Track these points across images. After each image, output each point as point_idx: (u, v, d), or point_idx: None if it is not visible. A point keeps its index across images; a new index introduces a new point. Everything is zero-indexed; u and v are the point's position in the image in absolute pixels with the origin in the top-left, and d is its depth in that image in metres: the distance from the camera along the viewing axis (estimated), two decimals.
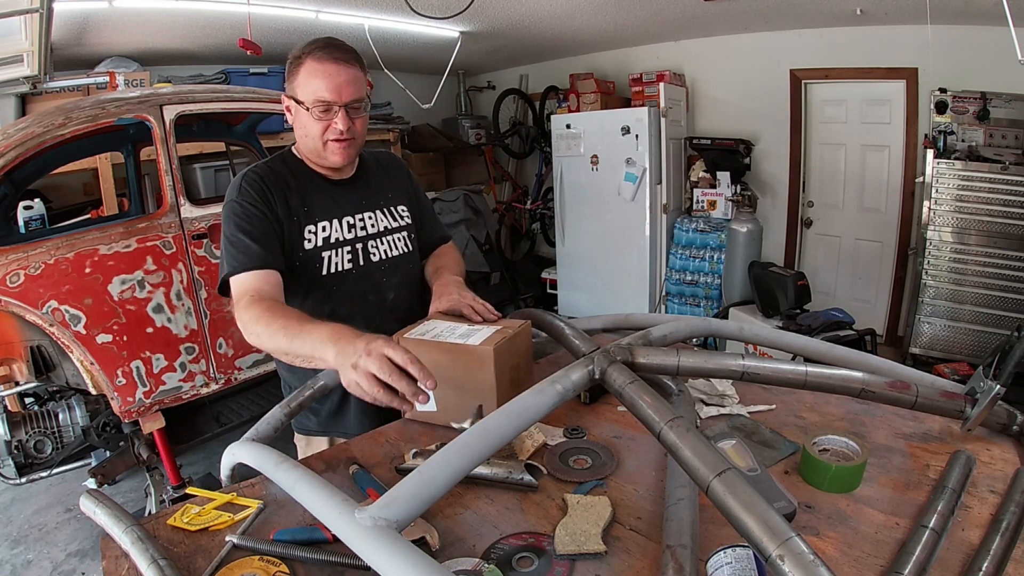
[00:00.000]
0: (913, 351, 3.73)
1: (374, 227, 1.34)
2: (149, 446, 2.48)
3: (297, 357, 1.04)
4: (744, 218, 3.94)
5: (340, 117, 1.18)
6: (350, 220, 1.30)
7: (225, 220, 1.22)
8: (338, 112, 1.18)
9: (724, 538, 0.71)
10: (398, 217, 1.39)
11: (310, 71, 1.17)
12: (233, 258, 1.17)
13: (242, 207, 1.20)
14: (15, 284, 2.05)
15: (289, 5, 3.17)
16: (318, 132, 1.20)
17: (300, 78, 1.18)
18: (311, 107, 1.18)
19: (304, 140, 1.24)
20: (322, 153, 1.23)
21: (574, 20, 3.90)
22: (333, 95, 1.17)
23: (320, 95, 1.17)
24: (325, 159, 1.25)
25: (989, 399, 0.89)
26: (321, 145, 1.22)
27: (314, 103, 1.17)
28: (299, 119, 1.22)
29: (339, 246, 1.28)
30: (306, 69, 1.17)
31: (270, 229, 1.20)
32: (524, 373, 1.15)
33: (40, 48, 2.62)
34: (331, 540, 0.77)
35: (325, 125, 1.19)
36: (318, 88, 1.16)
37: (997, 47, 3.02)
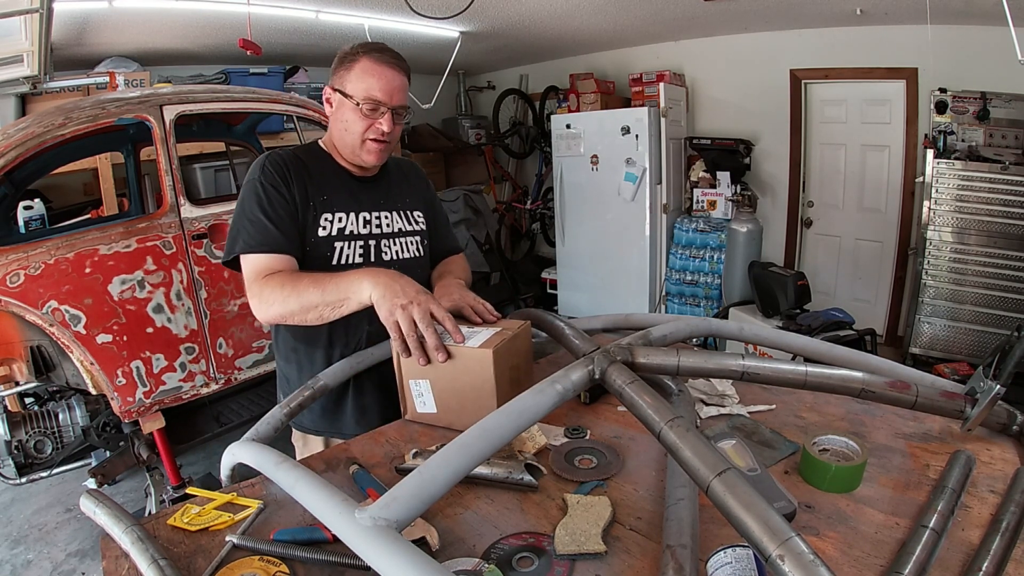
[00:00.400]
0: (913, 351, 3.73)
1: (389, 227, 1.35)
2: (149, 446, 2.48)
3: (326, 306, 1.07)
4: (744, 218, 3.95)
5: (386, 119, 1.22)
6: (366, 216, 1.31)
7: (245, 197, 1.22)
8: (385, 114, 1.22)
9: (724, 538, 0.71)
10: (413, 221, 1.40)
11: (366, 69, 1.20)
12: (250, 236, 1.18)
13: (264, 188, 1.21)
14: (15, 284, 2.05)
15: (289, 5, 3.17)
16: (360, 129, 1.22)
17: (354, 74, 1.21)
18: (361, 103, 1.20)
19: (343, 134, 1.26)
20: (357, 150, 1.25)
21: (574, 20, 3.90)
22: (384, 96, 1.21)
23: (372, 94, 1.20)
24: (358, 156, 1.27)
25: (989, 399, 0.89)
26: (359, 142, 1.24)
27: (365, 100, 1.20)
28: (342, 112, 1.24)
29: (352, 239, 1.29)
30: (362, 66, 1.20)
31: (290, 213, 1.21)
32: (524, 374, 1.14)
33: (40, 48, 2.62)
34: (331, 540, 0.77)
35: (369, 124, 1.22)
36: (371, 87, 1.20)
37: (997, 47, 3.02)
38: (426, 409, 1.10)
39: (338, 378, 1.20)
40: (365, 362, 1.24)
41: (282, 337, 1.33)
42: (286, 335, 1.31)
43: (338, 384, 1.20)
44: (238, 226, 1.20)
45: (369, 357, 1.24)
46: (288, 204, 1.21)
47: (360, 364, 1.23)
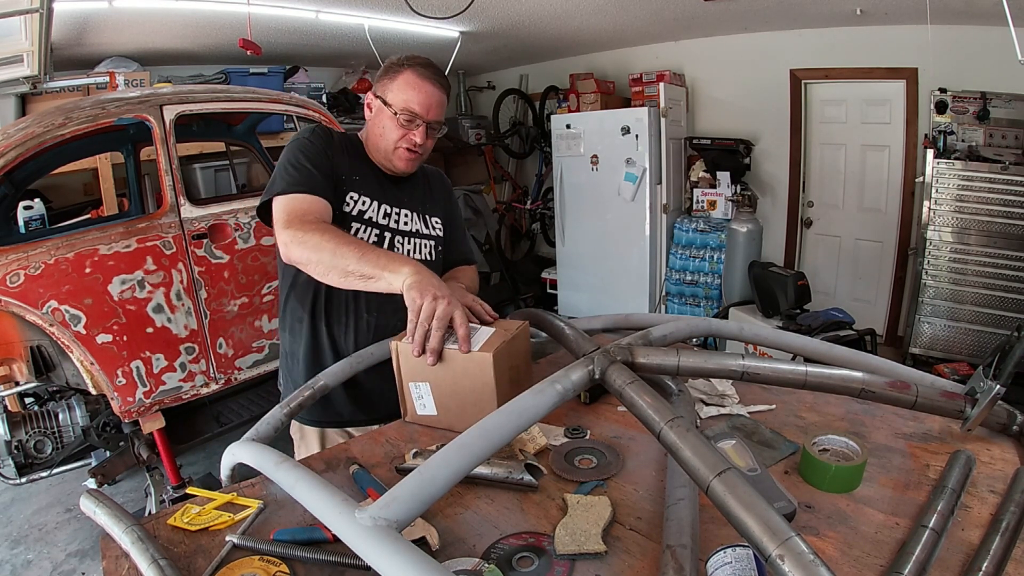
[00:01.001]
0: (913, 351, 3.73)
1: (407, 225, 1.37)
2: (149, 446, 2.48)
3: (357, 274, 1.07)
4: (744, 218, 3.95)
5: (420, 131, 1.28)
6: (387, 208, 1.34)
7: (290, 149, 1.27)
8: (419, 127, 1.27)
9: (724, 538, 0.71)
10: (431, 226, 1.43)
11: (409, 81, 1.26)
12: (291, 178, 1.21)
13: (312, 144, 1.26)
14: (15, 284, 2.05)
15: (289, 5, 3.17)
16: (395, 137, 1.28)
17: (397, 84, 1.27)
18: (399, 112, 1.26)
19: (378, 139, 1.31)
20: (390, 156, 1.31)
21: (574, 20, 3.90)
22: (422, 109, 1.26)
23: (411, 106, 1.26)
24: (390, 161, 1.32)
25: (989, 399, 0.89)
26: (392, 149, 1.30)
27: (403, 110, 1.26)
28: (380, 118, 1.29)
29: (370, 225, 1.32)
30: (405, 78, 1.26)
31: (328, 170, 1.26)
32: (523, 374, 1.14)
33: (40, 48, 2.62)
34: (331, 540, 0.77)
35: (403, 133, 1.28)
36: (411, 99, 1.25)
37: (997, 47, 3.03)
38: (426, 411, 1.10)
39: (338, 378, 1.20)
40: (365, 362, 1.24)
41: (290, 307, 1.35)
42: (295, 305, 1.34)
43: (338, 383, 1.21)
44: (279, 173, 1.24)
45: (369, 357, 1.24)
46: (328, 163, 1.26)
47: (360, 364, 1.23)
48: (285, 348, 1.40)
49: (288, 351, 1.39)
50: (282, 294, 1.38)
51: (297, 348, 1.35)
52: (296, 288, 1.33)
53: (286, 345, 1.40)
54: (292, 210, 1.17)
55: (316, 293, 1.31)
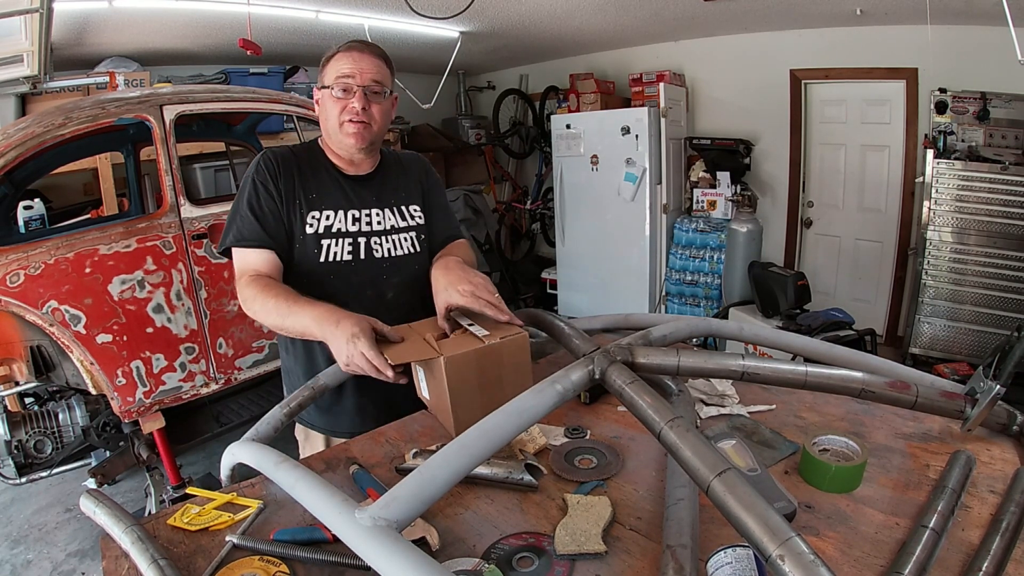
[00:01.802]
0: (913, 351, 3.73)
1: (380, 224, 1.34)
2: (149, 446, 2.48)
3: (290, 331, 1.15)
4: (744, 218, 3.94)
5: (357, 96, 1.24)
6: (355, 214, 1.32)
7: (240, 191, 1.29)
8: (356, 92, 1.24)
9: (724, 538, 0.71)
10: (408, 217, 1.39)
11: (338, 57, 1.27)
12: (238, 230, 1.25)
13: (255, 185, 1.27)
14: (15, 284, 2.05)
15: (289, 5, 3.17)
16: (336, 112, 1.26)
17: (329, 65, 1.28)
18: (333, 86, 1.25)
19: (325, 124, 1.31)
20: (339, 136, 1.28)
21: (574, 20, 3.90)
22: (353, 72, 1.25)
23: (342, 72, 1.25)
24: (342, 143, 1.29)
25: (989, 399, 0.89)
26: (338, 126, 1.27)
27: (336, 81, 1.25)
28: (324, 105, 1.29)
29: (340, 236, 1.30)
30: (335, 57, 1.27)
31: (275, 210, 1.26)
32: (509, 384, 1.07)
33: (40, 48, 2.62)
34: (331, 540, 0.77)
35: (343, 105, 1.25)
36: (342, 68, 1.25)
37: (997, 47, 3.02)
38: (424, 394, 1.16)
39: (338, 377, 1.20)
40: None
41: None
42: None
43: (338, 383, 1.20)
44: (231, 221, 1.28)
45: None
46: (274, 202, 1.26)
47: None
48: (286, 364, 1.40)
49: (288, 367, 1.39)
50: None
51: (295, 366, 1.35)
52: None
53: (286, 362, 1.39)
54: (242, 270, 1.23)
55: None
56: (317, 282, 1.27)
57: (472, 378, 1.04)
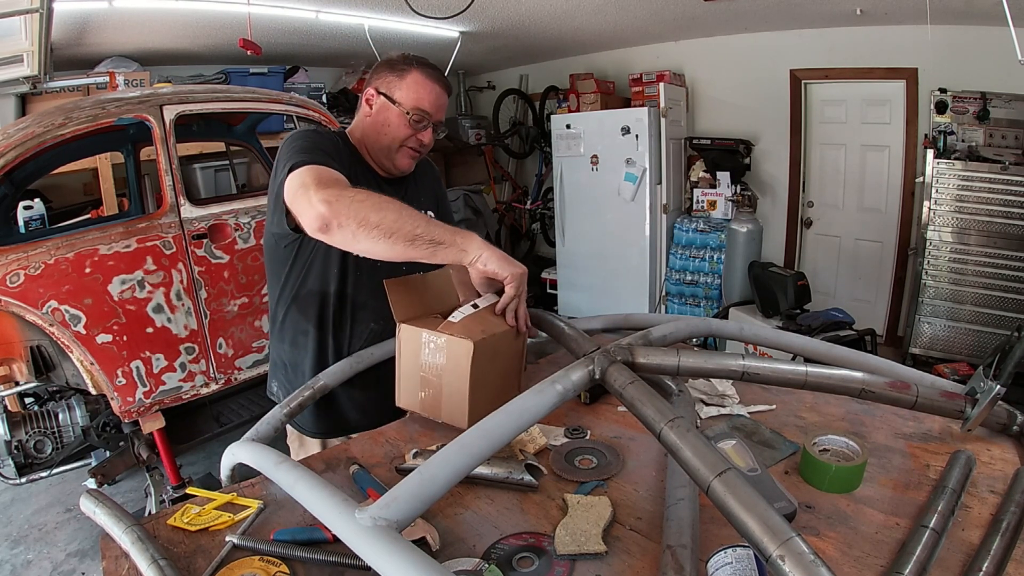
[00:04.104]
0: (913, 351, 3.73)
1: None
2: (149, 446, 2.48)
3: (424, 239, 0.96)
4: (744, 218, 3.95)
5: (427, 132, 1.28)
6: None
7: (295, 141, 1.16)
8: (427, 127, 1.28)
9: (724, 538, 0.71)
10: None
11: (419, 81, 1.26)
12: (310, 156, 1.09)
13: (320, 135, 1.22)
14: (15, 284, 2.05)
15: (289, 5, 3.17)
16: (402, 136, 1.27)
17: (406, 83, 1.26)
18: (410, 112, 1.25)
19: (379, 136, 1.28)
20: (392, 155, 1.29)
21: (574, 20, 3.90)
22: (432, 109, 1.27)
23: (423, 106, 1.26)
24: (391, 160, 1.30)
25: (989, 399, 0.89)
26: (396, 147, 1.28)
27: (414, 110, 1.25)
28: (385, 116, 1.27)
29: None
30: (414, 78, 1.26)
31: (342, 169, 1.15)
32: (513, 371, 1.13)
33: (40, 48, 2.62)
34: (331, 540, 0.77)
35: (411, 133, 1.27)
36: (423, 99, 1.25)
37: (997, 47, 3.02)
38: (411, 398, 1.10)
39: (338, 378, 1.20)
40: (365, 361, 1.24)
41: (291, 321, 1.32)
42: (297, 317, 1.30)
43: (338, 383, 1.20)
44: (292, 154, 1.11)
45: (369, 357, 1.24)
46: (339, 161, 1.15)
47: (360, 364, 1.23)
48: (284, 359, 1.36)
49: (288, 362, 1.35)
50: (278, 306, 1.33)
51: (301, 360, 1.31)
52: (298, 301, 1.29)
53: (285, 356, 1.35)
54: (322, 176, 1.04)
55: (323, 305, 1.27)
56: (338, 274, 1.27)
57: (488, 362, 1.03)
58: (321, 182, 1.02)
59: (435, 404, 1.07)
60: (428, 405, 1.07)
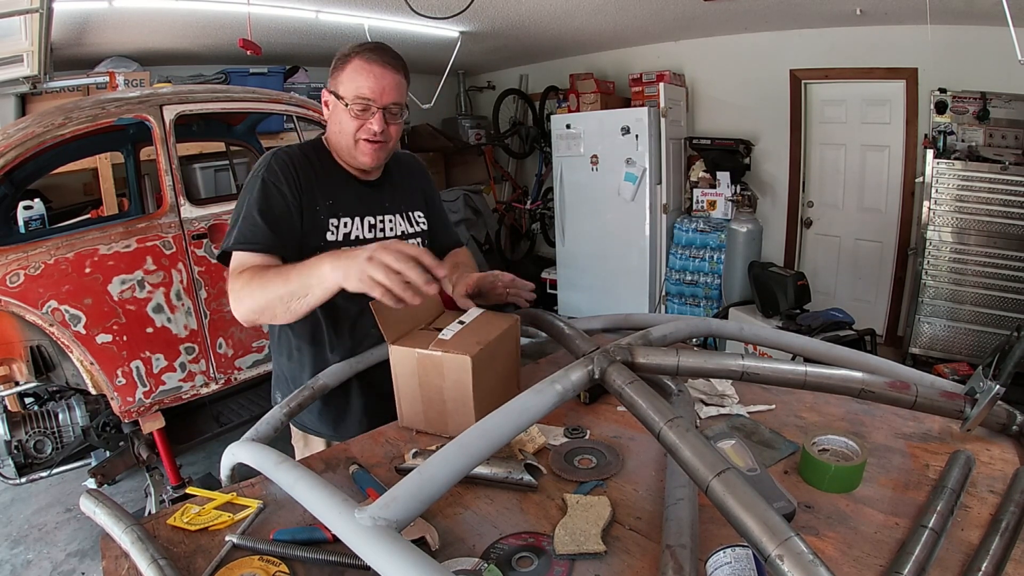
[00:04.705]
0: (913, 351, 3.73)
1: (393, 231, 1.33)
2: (149, 446, 2.48)
3: (292, 296, 1.01)
4: (744, 218, 3.95)
5: (376, 118, 1.19)
6: (371, 220, 1.29)
7: (247, 191, 1.19)
8: (375, 113, 1.19)
9: (724, 538, 0.71)
10: (415, 223, 1.38)
11: (357, 68, 1.18)
12: (242, 234, 1.14)
13: (265, 185, 1.18)
14: (15, 284, 2.05)
15: (289, 5, 3.17)
16: (352, 129, 1.20)
17: (346, 74, 1.19)
18: (351, 103, 1.18)
19: (338, 136, 1.24)
20: (353, 151, 1.23)
21: (574, 20, 3.90)
22: (374, 94, 1.18)
23: (362, 92, 1.18)
24: (355, 158, 1.25)
25: (989, 399, 0.89)
26: (353, 143, 1.22)
27: (354, 100, 1.18)
28: (336, 114, 1.22)
29: (359, 244, 1.26)
30: (353, 66, 1.18)
31: (287, 214, 1.18)
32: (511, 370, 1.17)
33: (40, 48, 2.62)
34: (331, 540, 0.77)
35: (360, 124, 1.20)
36: (361, 86, 1.17)
37: (997, 47, 3.02)
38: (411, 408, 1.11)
39: (338, 378, 1.20)
40: (365, 362, 1.24)
41: (284, 337, 1.31)
42: (288, 334, 1.30)
43: (338, 384, 1.20)
44: (234, 223, 1.18)
45: (369, 357, 1.24)
46: (287, 205, 1.18)
47: (360, 364, 1.23)
48: (285, 373, 1.34)
49: (288, 376, 1.33)
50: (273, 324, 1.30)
51: (299, 373, 1.29)
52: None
53: (284, 370, 1.34)
54: (234, 270, 1.12)
55: (315, 325, 1.25)
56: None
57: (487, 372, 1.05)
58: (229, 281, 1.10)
59: (440, 420, 1.06)
60: (432, 422, 1.08)
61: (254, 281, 1.05)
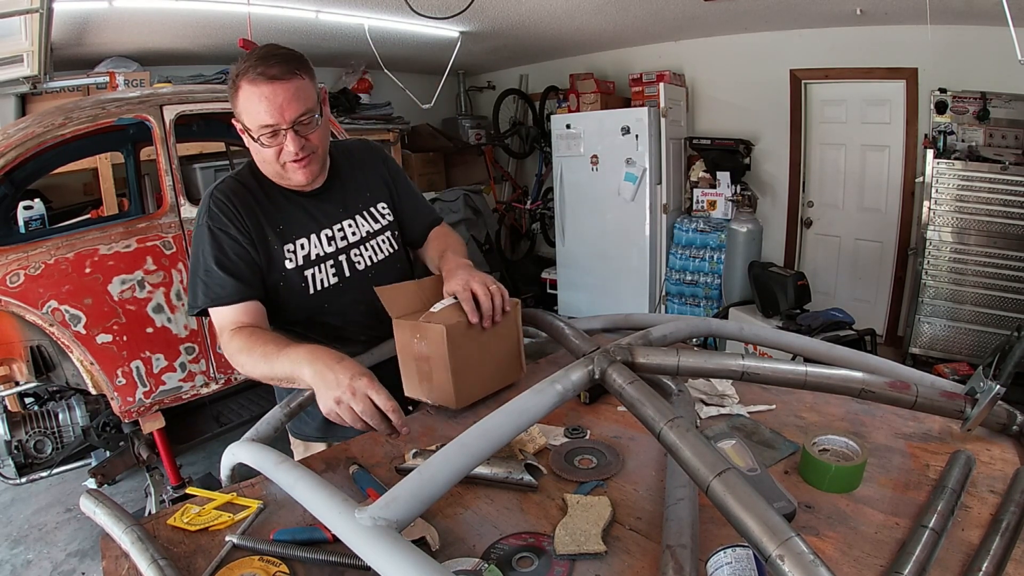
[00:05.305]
0: (913, 351, 3.73)
1: (355, 235, 1.28)
2: (149, 446, 2.48)
3: (279, 380, 1.04)
4: (744, 218, 3.95)
5: (290, 139, 1.09)
6: (328, 233, 1.25)
7: (197, 245, 1.14)
8: (287, 134, 1.09)
9: (724, 538, 0.71)
10: (379, 218, 1.33)
11: (247, 95, 1.07)
12: (210, 290, 1.12)
13: (213, 235, 1.13)
14: (15, 284, 2.05)
15: (289, 5, 3.17)
16: (272, 157, 1.13)
17: (240, 103, 1.09)
18: (257, 136, 1.09)
19: (263, 164, 1.17)
20: (283, 175, 1.17)
21: (574, 20, 3.90)
22: (276, 118, 1.07)
23: (263, 120, 1.07)
24: (289, 180, 1.18)
25: (989, 399, 0.89)
26: (280, 168, 1.15)
27: (259, 129, 1.09)
28: (251, 145, 1.14)
29: (321, 262, 1.23)
30: (243, 94, 1.07)
31: (246, 256, 1.14)
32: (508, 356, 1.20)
33: (40, 48, 2.62)
34: (331, 540, 0.77)
35: (278, 150, 1.12)
36: (259, 113, 1.07)
37: (997, 47, 3.02)
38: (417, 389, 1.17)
39: None
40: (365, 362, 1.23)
41: None
42: None
43: None
44: (195, 278, 1.14)
45: (368, 358, 1.24)
46: (241, 247, 1.14)
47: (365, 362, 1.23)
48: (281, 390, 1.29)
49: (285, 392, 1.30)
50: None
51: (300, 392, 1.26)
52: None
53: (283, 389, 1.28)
54: (223, 326, 1.11)
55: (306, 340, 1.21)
56: (310, 314, 1.24)
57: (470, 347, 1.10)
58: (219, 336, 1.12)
59: (430, 388, 1.13)
60: (426, 391, 1.14)
61: (243, 355, 1.05)
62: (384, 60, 3.73)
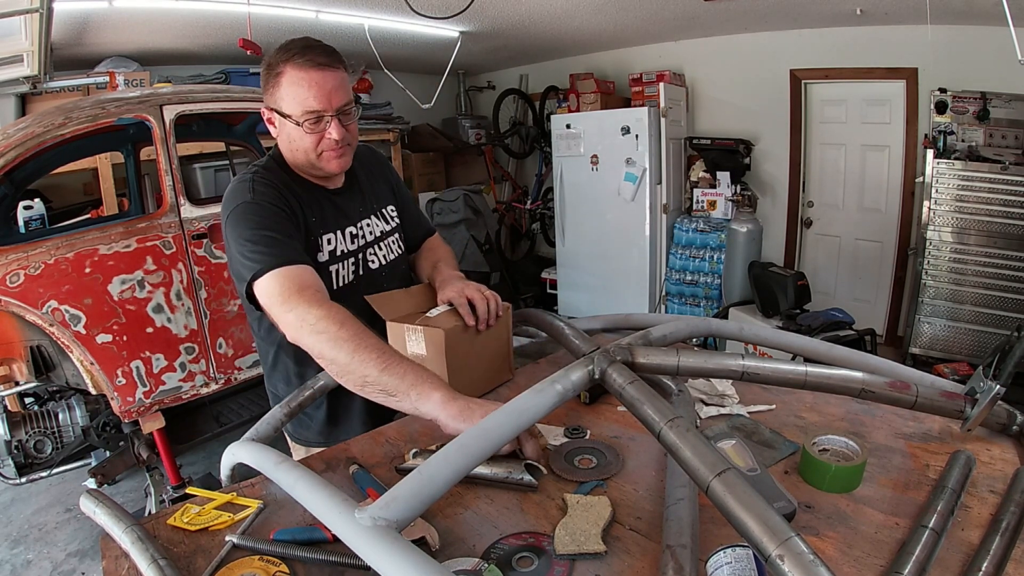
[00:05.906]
0: (913, 351, 3.73)
1: (371, 234, 1.30)
2: (149, 446, 2.48)
3: (377, 386, 0.93)
4: (744, 218, 3.95)
5: (334, 127, 1.10)
6: (352, 230, 1.26)
7: (240, 221, 1.09)
8: (331, 121, 1.10)
9: (724, 538, 0.71)
10: (389, 219, 1.35)
11: (293, 81, 1.08)
12: (262, 255, 1.04)
13: (260, 206, 1.09)
14: (15, 284, 2.05)
15: (289, 5, 3.18)
16: (311, 144, 1.12)
17: (283, 88, 1.09)
18: (301, 121, 1.09)
19: (295, 153, 1.16)
20: (317, 164, 1.16)
21: (574, 20, 3.90)
22: (323, 104, 1.08)
23: (309, 106, 1.08)
24: (320, 170, 1.18)
25: (989, 399, 0.89)
26: (315, 157, 1.14)
27: (304, 115, 1.09)
28: (286, 132, 1.13)
29: (344, 258, 1.24)
30: (288, 79, 1.08)
31: (295, 230, 1.12)
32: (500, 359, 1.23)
33: (40, 48, 2.62)
34: (331, 540, 0.77)
35: (318, 137, 1.12)
36: (306, 98, 1.08)
37: (997, 47, 3.02)
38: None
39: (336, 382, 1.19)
40: None
41: (282, 363, 1.27)
42: (286, 360, 1.26)
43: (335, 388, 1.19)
44: (241, 255, 1.06)
45: None
46: (291, 224, 1.12)
47: None
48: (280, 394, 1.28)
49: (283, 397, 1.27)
50: (266, 344, 1.26)
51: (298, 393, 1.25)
52: (284, 347, 1.21)
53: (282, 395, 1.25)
54: (287, 285, 1.01)
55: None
56: None
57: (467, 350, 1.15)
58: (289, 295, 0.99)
59: None
60: None
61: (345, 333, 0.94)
62: (384, 60, 3.73)
